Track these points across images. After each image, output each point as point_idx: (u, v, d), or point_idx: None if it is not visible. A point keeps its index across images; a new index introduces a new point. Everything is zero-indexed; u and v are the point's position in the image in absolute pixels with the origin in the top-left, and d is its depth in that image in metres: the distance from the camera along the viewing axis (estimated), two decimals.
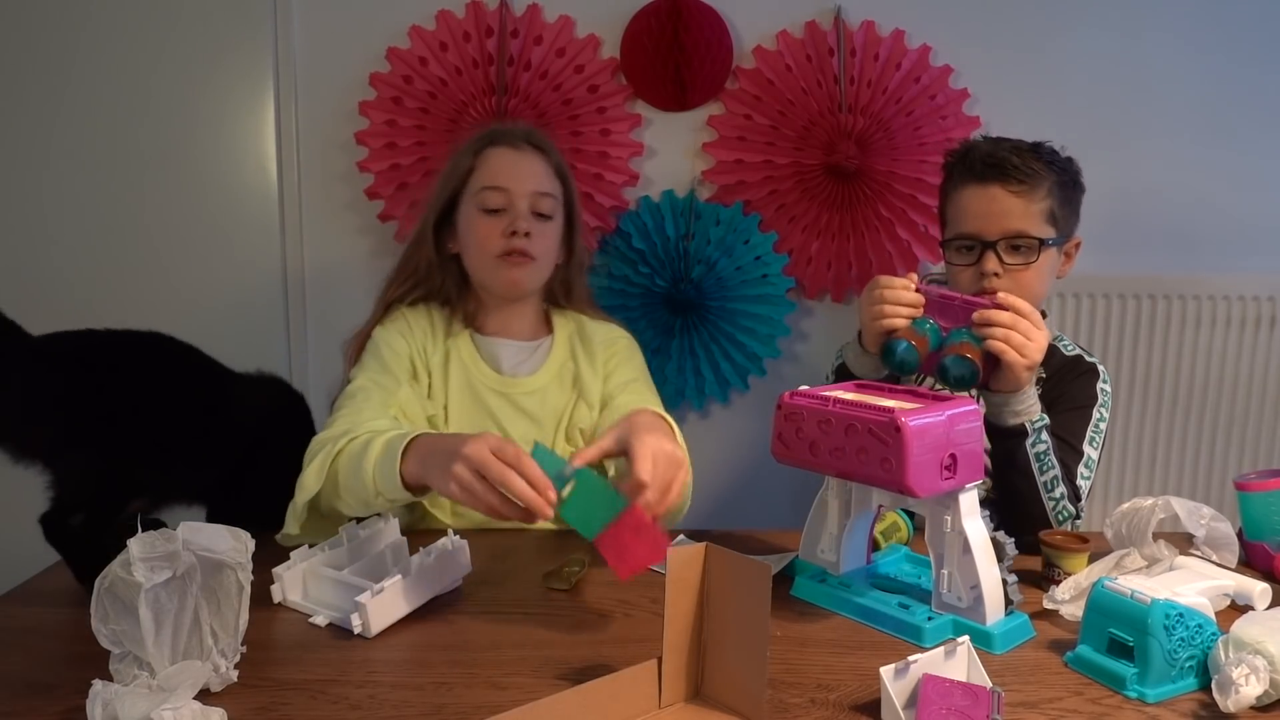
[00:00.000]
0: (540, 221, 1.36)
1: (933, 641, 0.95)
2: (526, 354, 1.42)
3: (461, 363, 1.38)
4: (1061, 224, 1.40)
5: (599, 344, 1.44)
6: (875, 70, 1.90)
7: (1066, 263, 1.47)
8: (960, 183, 1.41)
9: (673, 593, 0.82)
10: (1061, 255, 1.44)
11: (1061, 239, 1.41)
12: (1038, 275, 1.38)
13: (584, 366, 1.42)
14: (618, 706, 0.80)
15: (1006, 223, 1.36)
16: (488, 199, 1.35)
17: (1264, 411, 2.00)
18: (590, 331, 1.46)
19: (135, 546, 0.79)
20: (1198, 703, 0.85)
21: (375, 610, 0.95)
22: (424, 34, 1.90)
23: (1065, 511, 1.27)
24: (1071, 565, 1.08)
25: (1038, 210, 1.37)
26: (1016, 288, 1.34)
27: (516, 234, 1.33)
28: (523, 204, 1.35)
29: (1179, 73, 1.95)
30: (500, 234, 1.34)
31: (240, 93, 1.97)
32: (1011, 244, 1.36)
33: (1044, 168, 1.37)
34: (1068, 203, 1.41)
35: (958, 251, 1.42)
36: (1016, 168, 1.35)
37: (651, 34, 1.89)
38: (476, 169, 1.37)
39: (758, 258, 1.92)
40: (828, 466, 1.01)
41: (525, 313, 1.44)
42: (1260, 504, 1.17)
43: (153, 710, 0.73)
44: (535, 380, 1.40)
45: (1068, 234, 1.43)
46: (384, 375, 1.31)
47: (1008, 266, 1.37)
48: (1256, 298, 1.96)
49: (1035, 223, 1.37)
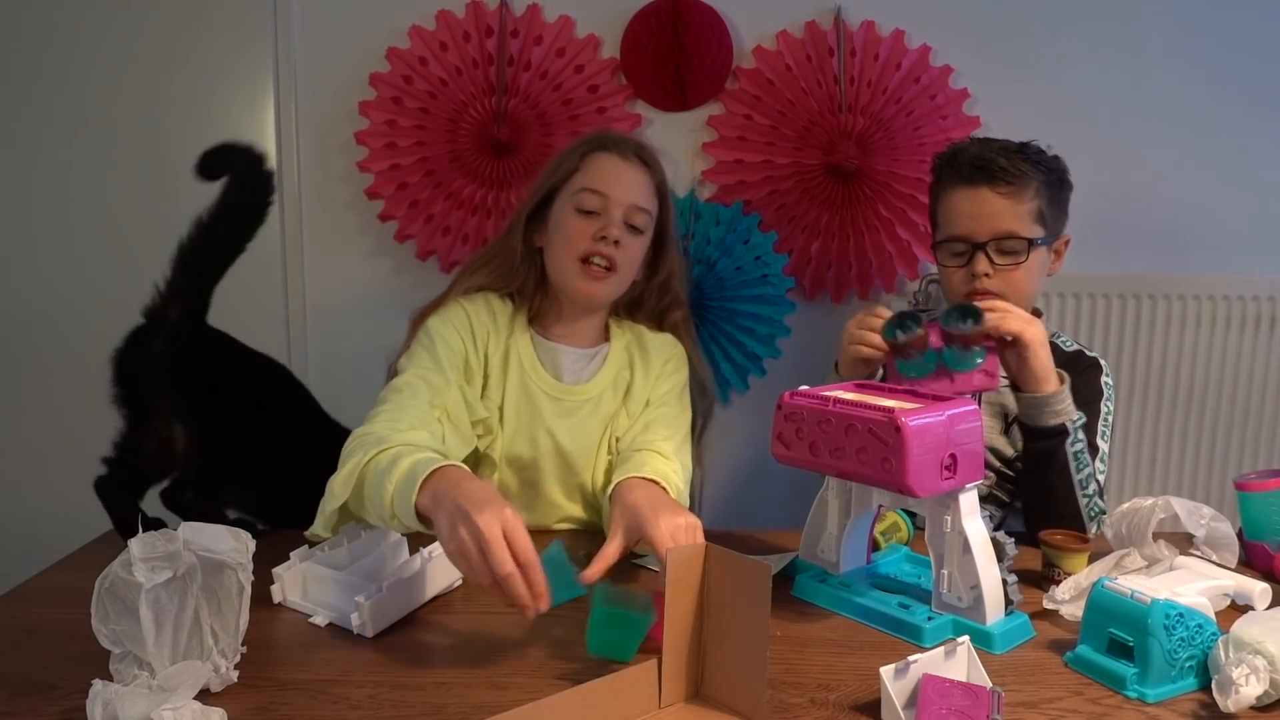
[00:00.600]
0: (631, 234, 1.34)
1: (933, 641, 0.95)
2: (585, 361, 1.40)
3: (520, 364, 1.36)
4: (1050, 223, 1.41)
5: (655, 351, 1.43)
6: (875, 70, 1.90)
7: (1056, 260, 1.48)
8: (949, 185, 1.43)
9: (673, 593, 0.82)
10: (1051, 253, 1.45)
11: (1050, 238, 1.42)
12: (1027, 274, 1.39)
13: (638, 377, 1.40)
14: (618, 706, 0.80)
15: (996, 224, 1.38)
16: (585, 200, 1.33)
17: (1264, 411, 2.00)
18: (648, 341, 1.44)
19: (136, 547, 0.79)
20: (1198, 703, 0.85)
21: (375, 610, 0.95)
22: (424, 34, 1.90)
23: (1096, 506, 1.29)
24: (1071, 565, 1.08)
25: (1026, 211, 1.38)
26: (1007, 287, 1.37)
27: (606, 239, 1.31)
28: (618, 213, 1.32)
29: (1179, 72, 1.95)
30: (590, 236, 1.31)
31: (240, 93, 1.97)
32: (1001, 245, 1.38)
33: (1031, 168, 1.38)
34: (1055, 201, 1.42)
35: (949, 254, 1.43)
36: (1004, 169, 1.37)
37: (651, 34, 1.89)
38: (580, 170, 1.35)
39: (758, 258, 1.92)
40: (828, 466, 1.01)
41: (592, 321, 1.42)
42: (1260, 504, 1.17)
43: (153, 710, 0.73)
44: (591, 388, 1.38)
45: (1056, 232, 1.44)
46: (434, 373, 1.27)
47: (998, 267, 1.38)
48: (1256, 298, 1.96)
49: (1024, 223, 1.38)
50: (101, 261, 2.00)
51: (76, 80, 1.95)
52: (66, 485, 2.06)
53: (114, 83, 1.95)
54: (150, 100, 1.95)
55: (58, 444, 2.06)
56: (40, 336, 2.02)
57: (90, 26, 1.93)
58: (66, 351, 2.03)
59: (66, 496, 2.06)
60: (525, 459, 1.34)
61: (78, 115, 1.95)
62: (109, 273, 2.00)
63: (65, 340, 2.02)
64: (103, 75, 1.94)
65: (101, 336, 2.02)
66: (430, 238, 1.95)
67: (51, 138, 1.96)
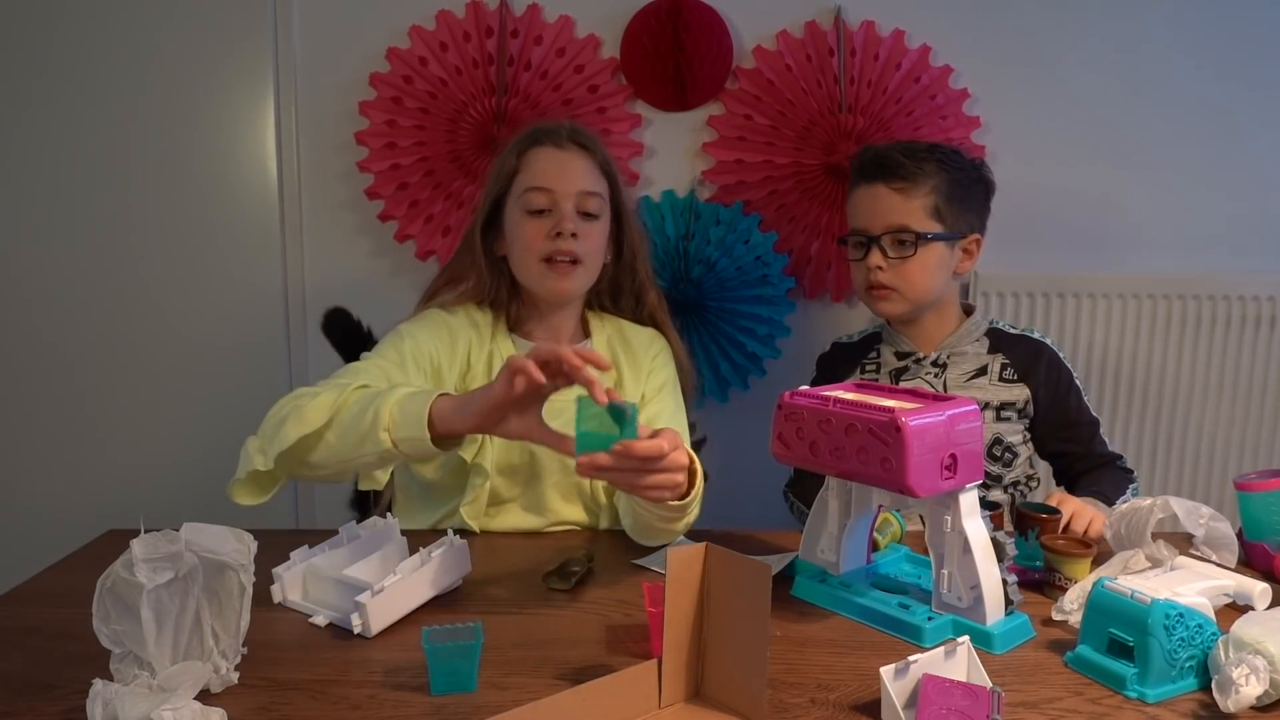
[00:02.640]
0: (587, 221, 1.33)
1: (933, 641, 0.95)
2: None
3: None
4: (950, 220, 1.46)
5: (640, 346, 1.42)
6: (875, 70, 1.90)
7: (966, 259, 1.52)
8: (854, 184, 1.52)
9: (673, 593, 0.82)
10: (958, 251, 1.49)
11: (952, 235, 1.46)
12: (921, 268, 1.45)
13: (625, 371, 1.40)
14: (618, 706, 0.80)
15: (889, 218, 1.45)
16: (532, 200, 1.32)
17: (1264, 411, 2.00)
18: (630, 334, 1.44)
19: (138, 547, 0.79)
20: (1198, 703, 0.85)
21: (375, 610, 0.95)
22: (424, 34, 1.90)
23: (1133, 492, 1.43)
24: (1073, 570, 1.08)
25: (919, 206, 1.44)
26: (900, 281, 1.46)
27: (562, 235, 1.30)
28: (568, 204, 1.31)
29: (1180, 73, 1.95)
30: (545, 235, 1.30)
31: (240, 93, 1.97)
32: (895, 238, 1.45)
33: (934, 167, 1.44)
34: (959, 200, 1.46)
35: (851, 247, 1.52)
36: (900, 165, 1.44)
37: (651, 34, 1.89)
38: (521, 170, 1.34)
39: (758, 258, 1.92)
40: (828, 466, 1.01)
41: (570, 316, 1.41)
42: (1260, 504, 1.17)
43: (153, 710, 0.73)
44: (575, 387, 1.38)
45: (961, 231, 1.48)
46: (398, 369, 1.26)
47: (890, 260, 1.45)
48: (1256, 298, 1.96)
49: (916, 217, 1.45)
50: (101, 261, 2.00)
51: (76, 80, 1.95)
52: (67, 485, 2.07)
53: (114, 83, 1.95)
54: (150, 100, 1.95)
55: (58, 444, 2.06)
56: (39, 336, 2.02)
57: (90, 26, 1.93)
58: (66, 351, 2.03)
59: (67, 496, 2.07)
60: (519, 464, 1.32)
61: (78, 115, 1.95)
62: (108, 272, 2.01)
63: (65, 340, 2.03)
64: (103, 75, 1.94)
65: (101, 336, 2.03)
66: (430, 238, 1.95)
67: (51, 138, 1.96)
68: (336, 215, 2.00)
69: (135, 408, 2.05)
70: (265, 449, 1.07)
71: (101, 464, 2.06)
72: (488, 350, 1.36)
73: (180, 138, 1.97)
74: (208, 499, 2.01)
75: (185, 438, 2.05)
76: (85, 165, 1.97)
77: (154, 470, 2.05)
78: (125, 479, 2.05)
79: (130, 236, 2.00)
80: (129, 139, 1.96)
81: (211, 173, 1.98)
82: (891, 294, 1.48)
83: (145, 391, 2.04)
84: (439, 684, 0.85)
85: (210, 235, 2.00)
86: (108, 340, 2.04)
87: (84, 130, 1.96)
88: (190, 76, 1.95)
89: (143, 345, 2.03)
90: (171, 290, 2.02)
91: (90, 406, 2.06)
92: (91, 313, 2.03)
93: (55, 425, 2.05)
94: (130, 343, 2.03)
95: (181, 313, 2.03)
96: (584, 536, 1.31)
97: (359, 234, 2.00)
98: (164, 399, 2.04)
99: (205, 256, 2.01)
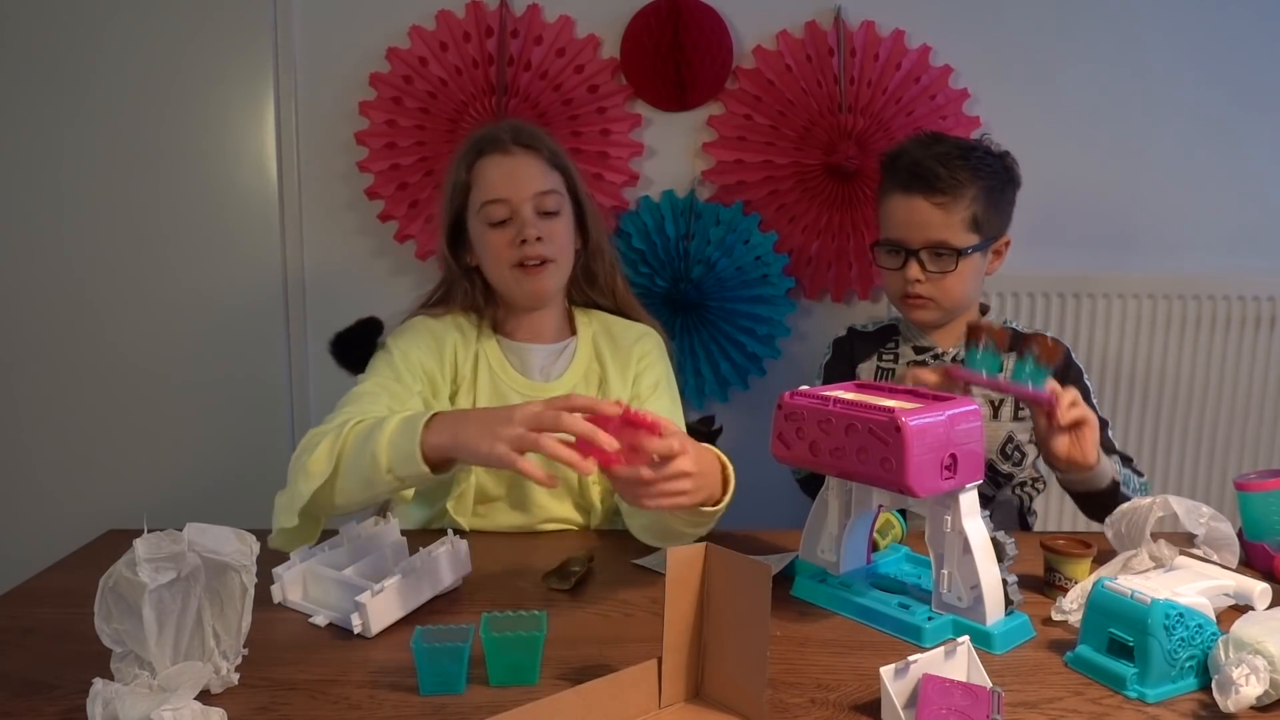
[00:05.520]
0: (548, 220, 1.33)
1: (933, 641, 0.95)
2: (553, 357, 1.40)
3: (490, 369, 1.36)
4: (986, 227, 1.44)
5: (627, 344, 1.42)
6: (875, 70, 1.90)
7: (996, 260, 1.51)
8: (889, 189, 1.47)
9: (673, 593, 0.82)
10: (989, 255, 1.48)
11: (986, 242, 1.45)
12: (960, 281, 1.44)
13: (611, 369, 1.39)
14: (618, 706, 0.80)
15: (927, 233, 1.42)
16: (491, 213, 1.32)
17: (1264, 411, 2.01)
18: (617, 332, 1.43)
19: (141, 547, 0.79)
20: (1198, 703, 0.85)
21: (375, 610, 0.95)
22: (424, 34, 1.90)
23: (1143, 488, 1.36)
24: (1073, 571, 1.07)
25: (959, 220, 1.41)
26: (939, 293, 1.44)
27: (527, 241, 1.30)
28: (526, 209, 1.31)
29: (1179, 72, 1.95)
30: (510, 244, 1.31)
31: (240, 93, 1.97)
32: (934, 252, 1.42)
33: (970, 176, 1.40)
34: (994, 205, 1.44)
35: (885, 254, 1.48)
36: (940, 179, 1.39)
37: (651, 34, 1.89)
38: (473, 185, 1.35)
39: (758, 258, 1.92)
40: (828, 466, 1.01)
41: (552, 314, 1.42)
42: (1260, 504, 1.17)
43: (153, 710, 0.73)
44: (561, 384, 1.37)
45: (994, 235, 1.47)
46: (395, 383, 1.27)
47: (929, 274, 1.43)
48: (1256, 298, 1.96)
49: (956, 233, 1.42)
50: (101, 261, 2.00)
51: (77, 80, 1.95)
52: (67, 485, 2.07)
53: (114, 83, 1.95)
54: (150, 100, 1.95)
55: (58, 444, 2.06)
56: (39, 336, 2.02)
57: (90, 26, 1.93)
58: (66, 350, 2.03)
59: (67, 496, 2.07)
60: None
61: (78, 115, 1.95)
62: (109, 272, 2.01)
63: (64, 339, 2.03)
64: (103, 75, 1.94)
65: (100, 335, 2.03)
66: (430, 238, 1.94)
67: (52, 137, 1.96)
68: (336, 215, 2.00)
69: (136, 407, 2.05)
70: (290, 505, 1.08)
71: (101, 464, 2.06)
72: (473, 351, 1.37)
73: (180, 138, 1.97)
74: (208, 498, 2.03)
75: (185, 438, 2.05)
76: (85, 165, 1.97)
77: (154, 470, 2.05)
78: (125, 479, 2.05)
79: (130, 236, 2.00)
80: (129, 139, 1.96)
81: (211, 172, 1.98)
82: (929, 304, 1.46)
83: (145, 391, 2.04)
84: (427, 684, 0.85)
85: (210, 235, 2.00)
86: (108, 339, 2.04)
87: (84, 130, 1.96)
88: (190, 76, 1.95)
89: (143, 344, 2.03)
90: (172, 289, 2.01)
91: (90, 406, 2.06)
92: (92, 312, 2.03)
93: (55, 425, 2.05)
94: (131, 342, 2.03)
95: (182, 312, 2.03)
96: (583, 537, 1.31)
97: (359, 234, 2.00)
98: (164, 398, 2.04)
99: (205, 256, 2.01)
